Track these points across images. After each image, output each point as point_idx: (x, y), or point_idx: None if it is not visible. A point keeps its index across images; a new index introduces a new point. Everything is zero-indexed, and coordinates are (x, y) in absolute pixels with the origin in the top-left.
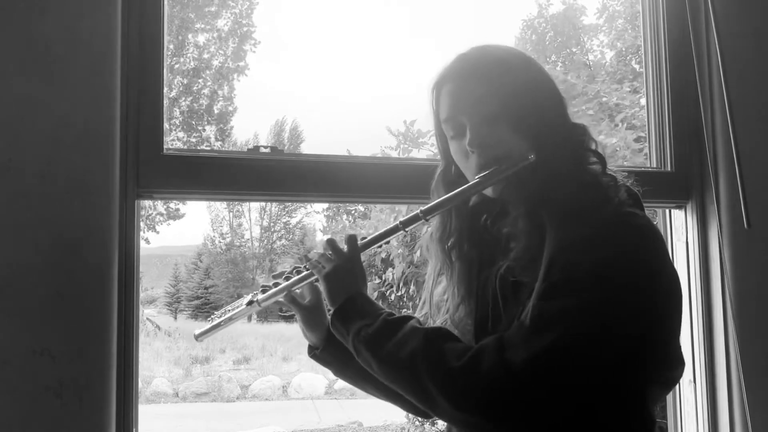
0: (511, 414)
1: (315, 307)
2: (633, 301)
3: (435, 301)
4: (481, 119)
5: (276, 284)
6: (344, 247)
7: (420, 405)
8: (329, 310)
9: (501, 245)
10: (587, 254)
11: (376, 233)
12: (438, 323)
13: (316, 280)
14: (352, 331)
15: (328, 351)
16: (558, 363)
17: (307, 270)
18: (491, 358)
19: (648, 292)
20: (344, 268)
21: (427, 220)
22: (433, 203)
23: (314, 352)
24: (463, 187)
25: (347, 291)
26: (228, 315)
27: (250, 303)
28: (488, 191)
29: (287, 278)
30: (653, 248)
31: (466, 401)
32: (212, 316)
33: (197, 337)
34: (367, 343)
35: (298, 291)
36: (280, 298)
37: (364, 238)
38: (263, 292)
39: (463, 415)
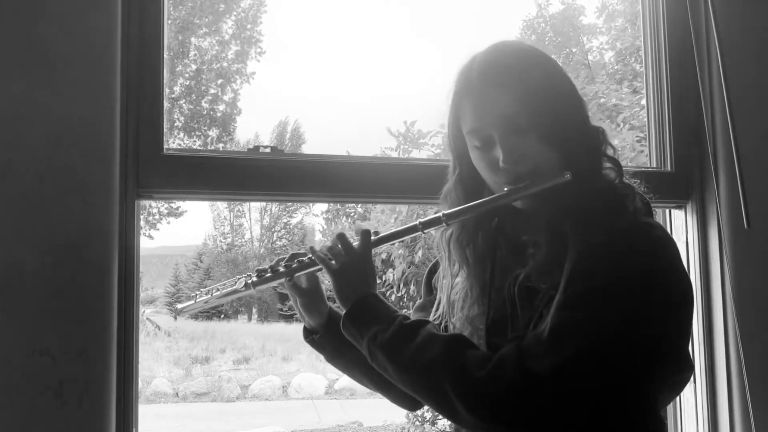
0: (532, 424)
1: (314, 292)
2: (650, 310)
3: (451, 299)
4: (511, 133)
5: (274, 269)
6: (355, 242)
7: (438, 412)
8: (328, 295)
9: (519, 251)
10: (605, 265)
11: (392, 230)
12: (453, 320)
13: (319, 270)
14: (367, 335)
15: (325, 338)
16: (579, 373)
17: (310, 260)
18: (513, 368)
19: (664, 302)
20: (355, 265)
21: (448, 225)
22: (457, 209)
23: (312, 337)
24: (492, 197)
25: (358, 291)
26: (216, 293)
27: (245, 285)
28: (517, 203)
29: (287, 266)
30: (669, 259)
31: (487, 412)
32: (198, 292)
33: (179, 311)
34: (383, 349)
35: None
36: (278, 283)
37: (377, 233)
38: (259, 276)
39: (482, 424)
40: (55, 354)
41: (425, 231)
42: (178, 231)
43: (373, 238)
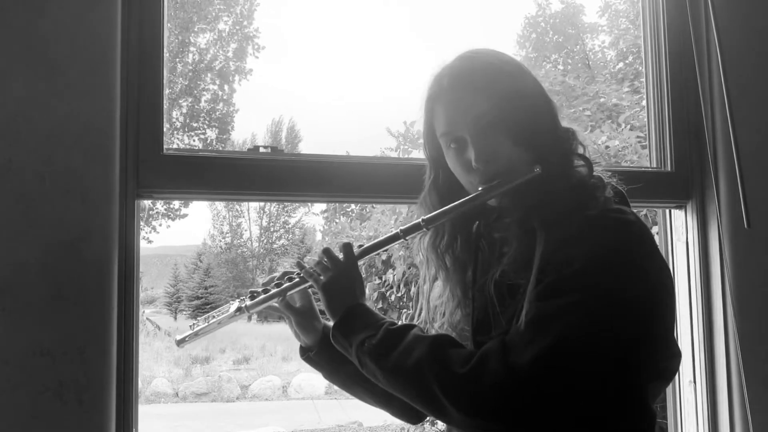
0: (520, 416)
1: (307, 310)
2: (625, 296)
3: (432, 305)
4: (483, 134)
5: (266, 290)
6: (340, 255)
7: (429, 413)
8: (323, 313)
9: (495, 250)
10: (578, 252)
11: (375, 241)
12: (436, 326)
13: (310, 287)
14: (355, 343)
15: (321, 354)
16: (560, 361)
17: (300, 277)
18: (496, 362)
19: (639, 285)
20: (342, 278)
21: (428, 229)
22: (435, 212)
23: (308, 355)
24: (467, 198)
25: (346, 302)
26: (213, 321)
27: (238, 309)
28: (492, 201)
29: (278, 285)
30: (641, 242)
31: (474, 407)
32: (196, 321)
33: (179, 343)
34: (371, 355)
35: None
36: (273, 303)
37: (362, 245)
38: (252, 298)
39: (472, 421)
40: (55, 354)
41: (407, 238)
42: (177, 231)
43: (356, 250)
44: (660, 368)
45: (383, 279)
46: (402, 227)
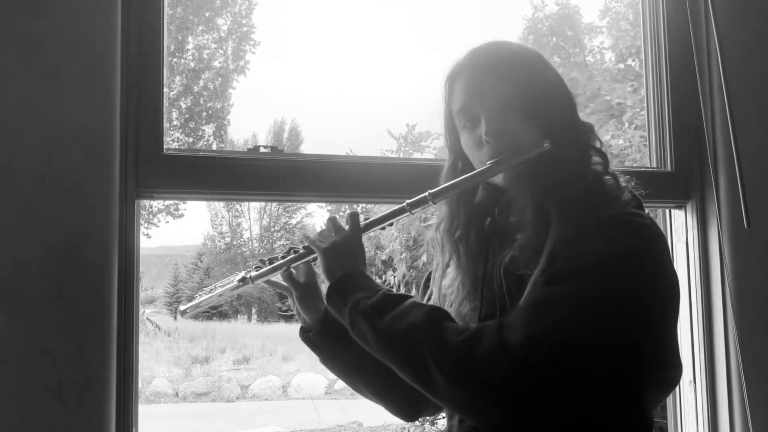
0: (502, 392)
1: (310, 286)
2: (631, 296)
3: (442, 293)
4: (496, 109)
5: (271, 261)
6: (346, 225)
7: (413, 381)
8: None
9: (507, 236)
10: (590, 247)
11: (381, 214)
12: None
13: (314, 260)
14: (350, 302)
15: (322, 336)
16: (553, 346)
17: (306, 248)
18: (490, 337)
19: (647, 290)
20: (344, 245)
21: (434, 203)
22: (442, 186)
23: (307, 335)
24: (474, 172)
25: (346, 267)
26: (215, 291)
27: (242, 280)
28: (498, 179)
29: (283, 257)
30: (655, 248)
31: (462, 377)
32: (200, 292)
33: (182, 312)
34: (365, 314)
35: (293, 270)
36: (275, 277)
37: (367, 218)
38: (257, 270)
39: (456, 390)
40: (55, 354)
41: (413, 212)
42: (177, 231)
43: (362, 222)
44: (656, 375)
45: (383, 279)
46: (408, 201)
